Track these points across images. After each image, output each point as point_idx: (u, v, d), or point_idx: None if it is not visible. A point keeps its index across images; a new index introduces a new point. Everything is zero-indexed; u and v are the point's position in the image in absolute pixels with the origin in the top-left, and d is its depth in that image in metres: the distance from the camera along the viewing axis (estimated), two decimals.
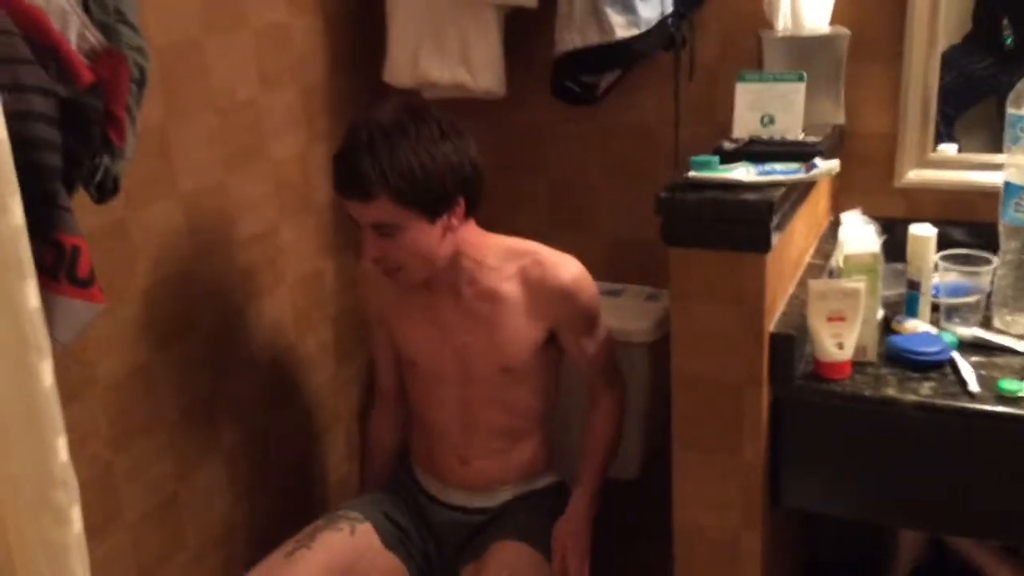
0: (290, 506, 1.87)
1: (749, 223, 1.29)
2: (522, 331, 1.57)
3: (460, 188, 1.45)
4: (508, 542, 1.56)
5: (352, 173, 1.41)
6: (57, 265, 1.13)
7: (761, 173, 1.34)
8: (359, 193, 1.41)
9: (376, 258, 1.48)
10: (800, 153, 1.40)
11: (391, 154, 1.39)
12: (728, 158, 1.40)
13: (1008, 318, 1.45)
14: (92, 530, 1.02)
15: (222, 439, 1.70)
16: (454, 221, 1.47)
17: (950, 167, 1.70)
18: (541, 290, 1.55)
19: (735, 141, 1.46)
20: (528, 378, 1.62)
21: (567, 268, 1.57)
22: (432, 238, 1.46)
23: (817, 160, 1.36)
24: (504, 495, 1.68)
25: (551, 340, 1.61)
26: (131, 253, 1.48)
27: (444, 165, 1.42)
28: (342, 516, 1.62)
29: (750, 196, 1.29)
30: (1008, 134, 1.54)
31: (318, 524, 1.61)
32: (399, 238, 1.44)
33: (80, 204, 1.13)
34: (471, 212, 1.51)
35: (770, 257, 1.32)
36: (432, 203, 1.43)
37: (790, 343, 1.36)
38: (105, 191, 1.22)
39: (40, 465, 0.55)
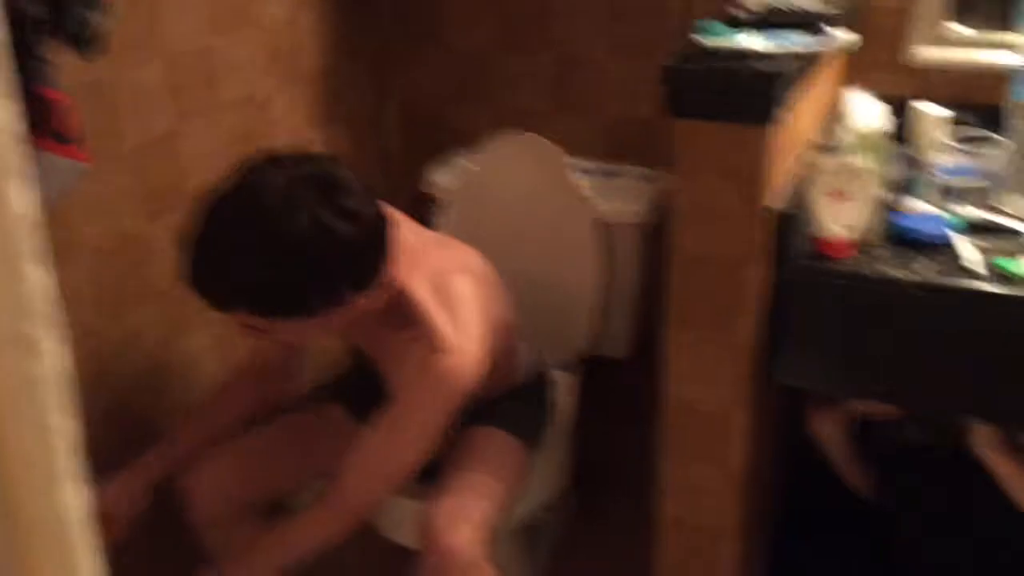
0: None
1: (757, 94, 1.25)
2: None
3: (346, 283, 1.20)
4: (482, 427, 1.53)
5: (200, 286, 1.18)
6: (39, 119, 1.09)
7: (773, 42, 1.29)
8: (212, 305, 1.21)
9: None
10: (815, 24, 1.35)
11: (244, 269, 1.14)
12: (740, 27, 1.35)
13: (1013, 201, 1.43)
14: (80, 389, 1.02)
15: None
16: (342, 310, 1.23)
17: (963, 45, 1.64)
18: (406, 363, 1.32)
19: (748, 10, 1.41)
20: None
21: (434, 368, 1.28)
22: (317, 327, 1.25)
23: (833, 31, 1.31)
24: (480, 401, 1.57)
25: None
26: (114, 114, 1.42)
27: (318, 268, 1.16)
28: (308, 397, 1.59)
29: (760, 66, 1.25)
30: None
31: (284, 405, 1.58)
32: (275, 334, 1.26)
33: (60, 62, 1.07)
34: (372, 287, 1.24)
35: (776, 131, 1.28)
36: (308, 307, 1.20)
37: (792, 220, 1.34)
38: (90, 46, 1.16)
39: (10, 293, 0.52)
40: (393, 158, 2.14)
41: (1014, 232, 1.39)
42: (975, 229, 1.40)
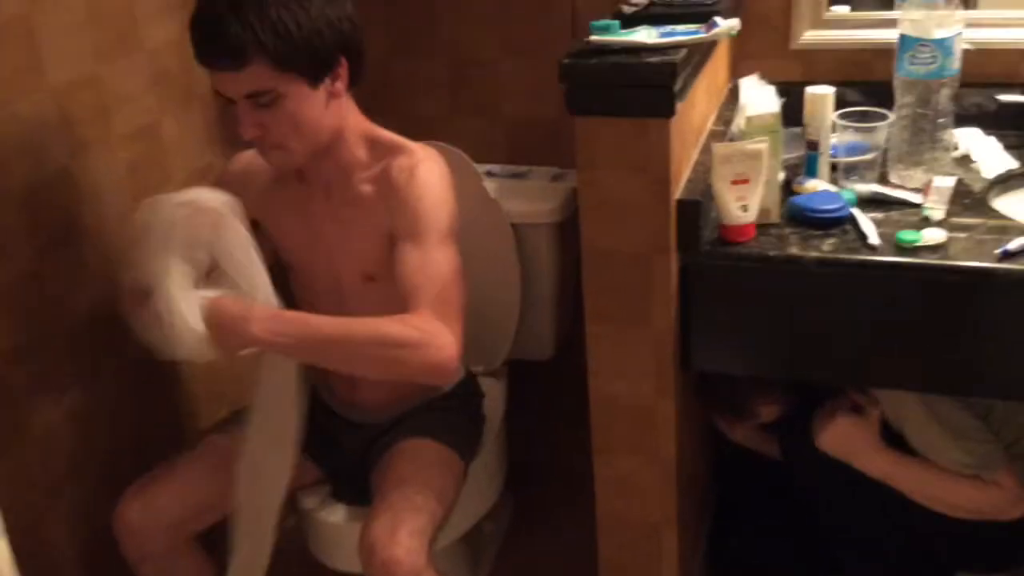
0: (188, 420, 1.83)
1: (653, 86, 1.27)
2: (376, 235, 1.43)
3: (341, 47, 1.34)
4: (414, 439, 1.52)
5: (220, 38, 1.26)
6: None
7: (663, 35, 1.32)
8: (230, 59, 1.27)
9: (255, 135, 1.34)
10: (700, 13, 1.38)
11: (260, 12, 1.26)
12: (628, 22, 1.37)
13: (904, 172, 1.48)
14: None
15: (126, 349, 1.63)
16: (338, 85, 1.36)
17: (845, 26, 1.70)
18: (393, 191, 1.41)
19: (635, 4, 1.43)
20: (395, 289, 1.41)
21: (420, 169, 1.41)
22: (315, 106, 1.34)
23: (717, 19, 1.34)
24: (406, 407, 1.60)
25: None
26: (2, 154, 1.37)
27: (320, 20, 1.30)
28: (232, 420, 1.56)
29: (652, 59, 1.27)
30: None
31: (208, 431, 1.57)
32: (279, 108, 1.31)
33: None
34: (354, 79, 1.39)
35: (674, 122, 1.31)
36: (313, 64, 1.31)
37: (696, 209, 1.36)
38: None
39: None
40: None
41: (907, 203, 1.44)
42: (870, 203, 1.45)
